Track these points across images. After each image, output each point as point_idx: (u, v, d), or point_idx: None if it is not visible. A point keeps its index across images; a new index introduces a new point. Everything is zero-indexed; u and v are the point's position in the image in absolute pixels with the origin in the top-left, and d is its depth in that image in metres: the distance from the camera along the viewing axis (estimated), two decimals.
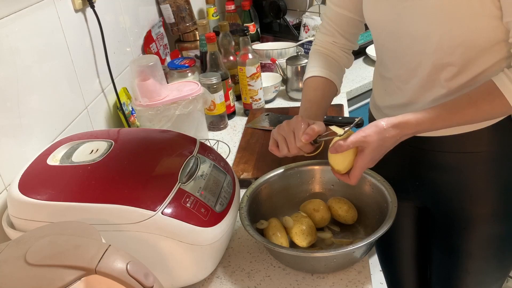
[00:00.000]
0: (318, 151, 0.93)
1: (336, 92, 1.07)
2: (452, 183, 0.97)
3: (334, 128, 0.88)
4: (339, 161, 0.87)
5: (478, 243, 1.00)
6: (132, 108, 1.37)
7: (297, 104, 1.55)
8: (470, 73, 0.86)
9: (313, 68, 1.06)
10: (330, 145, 0.87)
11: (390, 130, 0.82)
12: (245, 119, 1.54)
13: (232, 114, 1.56)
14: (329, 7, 1.06)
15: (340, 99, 1.60)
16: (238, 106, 1.62)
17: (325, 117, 1.38)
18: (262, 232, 0.95)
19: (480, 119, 0.84)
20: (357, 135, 0.83)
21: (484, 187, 0.95)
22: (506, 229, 0.99)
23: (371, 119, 1.12)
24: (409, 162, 1.02)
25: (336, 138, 0.86)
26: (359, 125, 0.95)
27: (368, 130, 0.83)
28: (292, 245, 0.94)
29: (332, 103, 1.53)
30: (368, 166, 0.85)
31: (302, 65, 1.57)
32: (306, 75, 1.07)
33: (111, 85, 1.30)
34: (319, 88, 1.04)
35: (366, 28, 1.04)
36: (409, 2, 0.85)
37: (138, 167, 0.86)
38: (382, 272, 1.36)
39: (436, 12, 0.82)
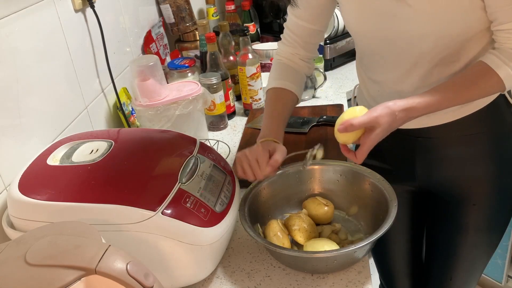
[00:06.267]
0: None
1: (297, 101, 1.11)
2: (454, 165, 1.02)
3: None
4: (346, 135, 0.86)
5: (478, 217, 1.05)
6: (132, 108, 1.37)
7: (297, 104, 1.55)
8: (461, 62, 0.91)
9: (274, 80, 1.09)
10: (339, 122, 0.86)
11: (400, 113, 0.84)
12: (245, 119, 1.54)
13: (232, 114, 1.56)
14: (290, 19, 1.09)
15: (340, 99, 1.60)
16: (238, 106, 1.62)
17: (324, 117, 1.39)
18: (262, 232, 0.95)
19: (479, 96, 0.89)
20: (369, 115, 0.83)
21: (485, 165, 1.00)
22: (500, 202, 1.05)
23: None
24: (413, 150, 1.05)
25: (342, 117, 0.87)
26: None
27: (379, 111, 0.84)
28: (294, 242, 0.94)
29: (332, 103, 1.55)
30: (375, 144, 0.86)
31: None
32: (268, 86, 1.10)
33: (111, 85, 1.30)
34: (279, 100, 1.07)
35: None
36: (400, 9, 0.87)
37: (138, 167, 0.86)
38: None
39: (430, 14, 0.85)
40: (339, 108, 1.50)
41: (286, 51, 1.12)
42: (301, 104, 1.57)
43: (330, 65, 1.84)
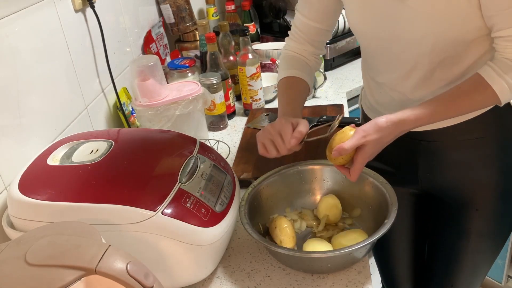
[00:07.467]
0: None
1: (309, 90, 1.09)
2: (457, 169, 1.01)
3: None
4: (340, 158, 0.87)
5: (481, 223, 1.04)
6: (132, 108, 1.37)
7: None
8: (462, 65, 0.90)
9: (285, 71, 1.09)
10: (331, 145, 0.87)
11: (390, 127, 0.84)
12: (245, 119, 1.54)
13: (232, 114, 1.56)
14: (298, 18, 1.10)
15: (340, 99, 1.60)
16: (238, 106, 1.62)
17: (324, 117, 1.39)
18: (266, 230, 0.95)
19: (472, 109, 0.89)
20: (357, 136, 0.84)
21: (489, 169, 1.00)
22: (504, 207, 1.04)
23: (366, 119, 1.12)
24: (416, 153, 1.05)
25: (332, 141, 0.87)
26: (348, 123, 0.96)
27: (367, 129, 0.84)
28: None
29: (332, 103, 1.55)
30: (368, 161, 0.87)
31: None
32: (279, 77, 1.10)
33: (111, 85, 1.30)
34: (292, 87, 1.06)
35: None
36: (400, 10, 0.87)
37: (138, 167, 0.86)
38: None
39: (430, 15, 0.85)
40: (339, 108, 1.50)
41: (294, 46, 1.12)
42: None
43: (330, 65, 1.84)
